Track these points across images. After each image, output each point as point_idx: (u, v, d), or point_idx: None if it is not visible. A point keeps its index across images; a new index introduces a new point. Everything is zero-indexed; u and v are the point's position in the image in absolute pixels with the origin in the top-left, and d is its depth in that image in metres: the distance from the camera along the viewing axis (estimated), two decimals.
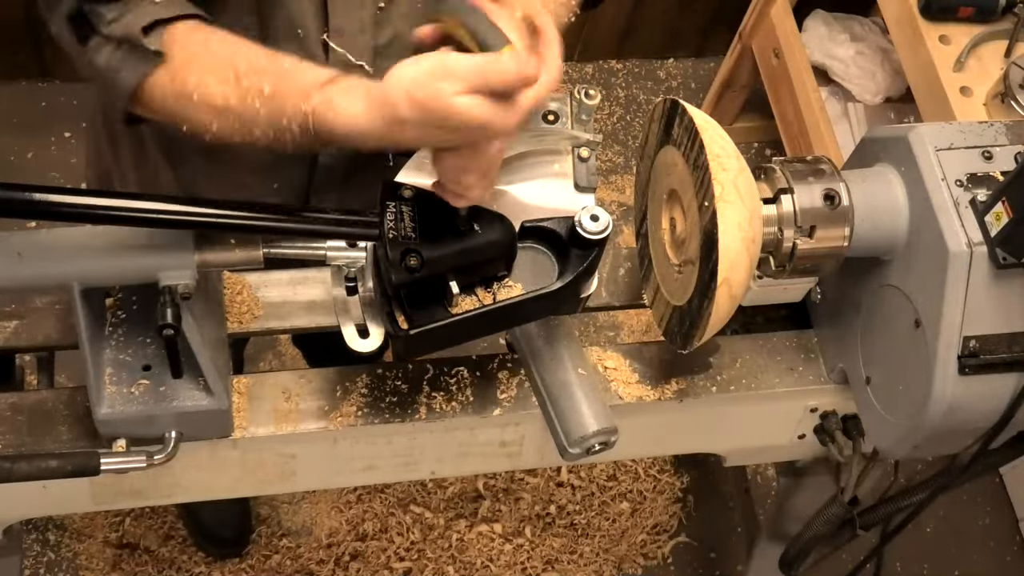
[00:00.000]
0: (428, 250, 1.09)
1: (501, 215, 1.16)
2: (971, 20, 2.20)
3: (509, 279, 1.17)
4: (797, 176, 1.22)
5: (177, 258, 1.07)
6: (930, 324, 1.19)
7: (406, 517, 2.49)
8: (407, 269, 1.08)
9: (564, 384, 1.21)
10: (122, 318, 1.19)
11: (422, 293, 1.12)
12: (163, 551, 2.38)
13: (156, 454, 1.19)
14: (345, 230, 1.10)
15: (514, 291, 1.16)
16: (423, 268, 1.09)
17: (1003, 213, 1.14)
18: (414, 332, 1.12)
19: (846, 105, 2.72)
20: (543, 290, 1.16)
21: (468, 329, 1.16)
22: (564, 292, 1.17)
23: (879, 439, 1.34)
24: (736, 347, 1.42)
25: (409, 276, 1.09)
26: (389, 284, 1.10)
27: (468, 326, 1.15)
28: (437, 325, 1.12)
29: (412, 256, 1.09)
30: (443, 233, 1.11)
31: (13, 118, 2.83)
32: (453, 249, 1.11)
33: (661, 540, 2.57)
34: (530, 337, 1.24)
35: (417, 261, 1.09)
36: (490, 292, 1.16)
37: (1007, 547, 2.70)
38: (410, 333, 1.12)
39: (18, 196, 0.99)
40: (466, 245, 1.12)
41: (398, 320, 1.12)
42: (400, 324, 1.12)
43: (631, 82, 3.20)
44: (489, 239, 1.13)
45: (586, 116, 1.34)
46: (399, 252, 1.09)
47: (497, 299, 1.15)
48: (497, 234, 1.14)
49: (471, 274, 1.14)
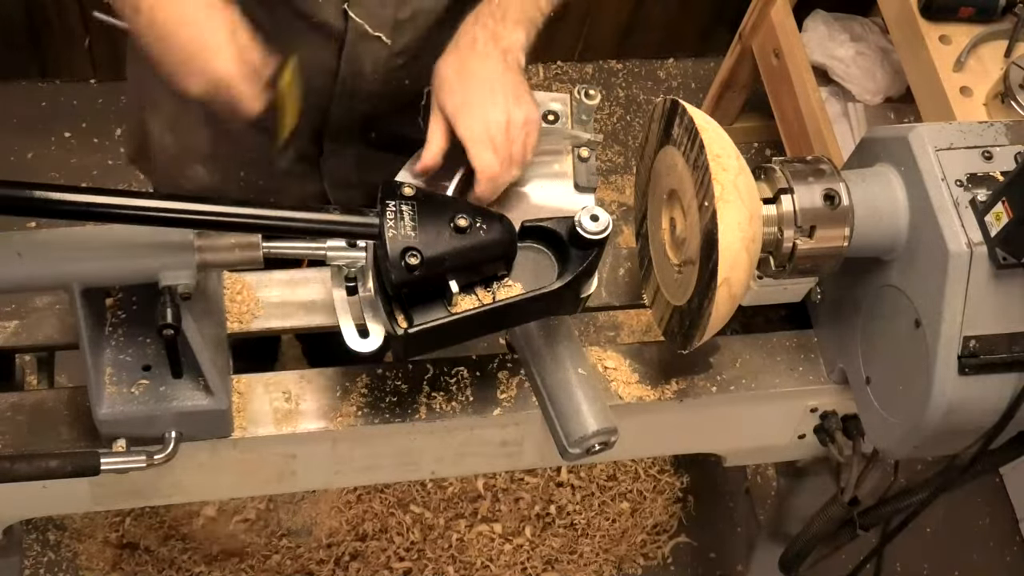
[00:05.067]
0: (428, 249, 1.09)
1: (501, 215, 1.16)
2: (971, 20, 2.20)
3: (509, 279, 1.17)
4: (797, 176, 1.22)
5: (177, 258, 1.07)
6: (930, 324, 1.19)
7: (406, 517, 2.49)
8: (407, 268, 1.08)
9: (564, 384, 1.21)
10: (122, 318, 1.19)
11: (422, 292, 1.12)
12: (163, 551, 2.38)
13: (156, 454, 1.19)
14: (345, 229, 1.10)
15: (514, 291, 1.16)
16: (423, 267, 1.09)
17: (1003, 213, 1.14)
18: (413, 331, 1.12)
19: (846, 105, 2.71)
20: (543, 290, 1.16)
21: (468, 328, 1.16)
22: (564, 292, 1.17)
23: (879, 439, 1.34)
24: (736, 347, 1.42)
25: (409, 275, 1.09)
26: (389, 283, 1.10)
27: (467, 325, 1.15)
28: (436, 324, 1.12)
29: (412, 255, 1.09)
30: (443, 232, 1.11)
31: (13, 118, 2.83)
32: (453, 248, 1.11)
33: (661, 540, 2.57)
34: (530, 337, 1.24)
35: (417, 260, 1.08)
36: (490, 292, 1.16)
37: (1007, 547, 2.70)
38: (409, 332, 1.12)
39: (18, 193, 0.98)
40: (466, 244, 1.12)
41: (397, 319, 1.12)
42: (399, 323, 1.12)
43: (631, 82, 3.20)
44: (489, 238, 1.13)
45: (586, 116, 1.35)
46: (399, 251, 1.09)
47: (497, 299, 1.15)
48: (497, 233, 1.14)
49: (471, 273, 1.14)
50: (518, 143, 1.24)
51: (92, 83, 2.86)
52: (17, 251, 1.05)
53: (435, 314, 1.13)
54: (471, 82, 1.23)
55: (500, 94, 1.23)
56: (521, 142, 1.24)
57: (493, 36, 1.25)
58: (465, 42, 1.26)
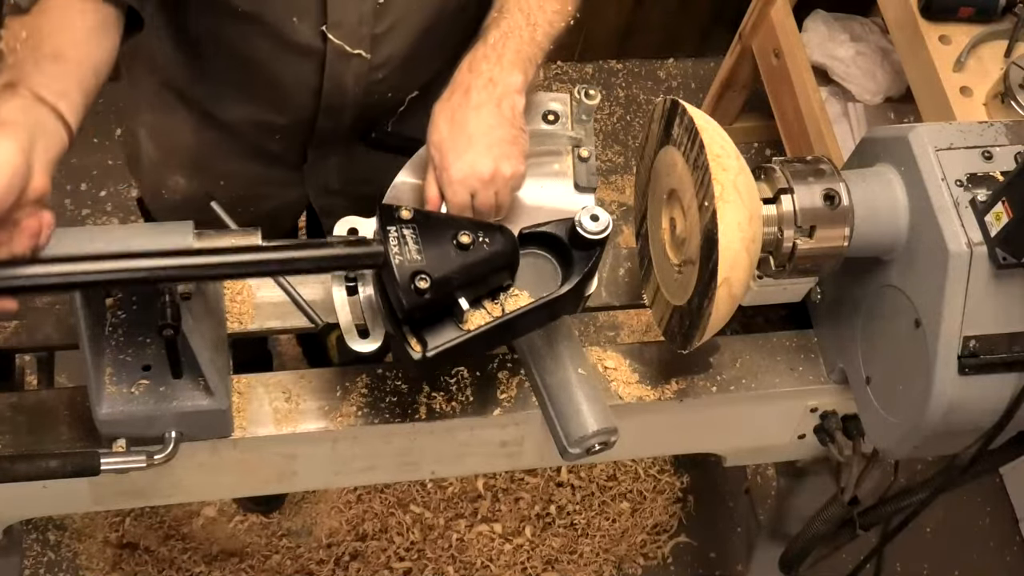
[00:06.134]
0: (436, 270, 1.08)
1: (500, 225, 1.16)
2: (971, 20, 2.20)
3: (514, 287, 1.17)
4: (797, 176, 1.22)
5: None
6: (930, 324, 1.19)
7: (406, 517, 2.49)
8: (417, 292, 1.07)
9: (564, 384, 1.21)
10: (122, 318, 1.19)
11: (433, 313, 1.12)
12: (163, 551, 2.38)
13: (156, 454, 1.19)
14: (350, 261, 1.10)
15: (521, 299, 1.16)
16: (432, 289, 1.08)
17: (1003, 213, 1.14)
18: (431, 354, 1.11)
19: (846, 105, 2.71)
20: (553, 295, 1.16)
21: (481, 343, 1.15)
22: (572, 294, 1.17)
23: (879, 439, 1.34)
24: (736, 347, 1.42)
25: (420, 299, 1.08)
26: (400, 310, 1.09)
27: (481, 340, 1.14)
28: (453, 344, 1.12)
29: (421, 278, 1.08)
30: (448, 251, 1.10)
31: None
32: (460, 265, 1.10)
33: (661, 540, 2.57)
34: (530, 337, 1.24)
35: (426, 283, 1.08)
36: (497, 303, 1.15)
37: (1007, 547, 2.70)
38: (428, 356, 1.11)
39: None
40: (472, 260, 1.11)
41: (411, 344, 1.11)
42: (413, 348, 1.11)
43: (631, 82, 3.20)
44: (493, 251, 1.12)
45: (586, 116, 1.35)
46: (407, 276, 1.08)
47: (506, 310, 1.15)
48: (500, 245, 1.13)
49: (478, 288, 1.14)
50: (502, 195, 1.22)
51: None
52: None
53: (448, 333, 1.12)
54: (461, 133, 1.20)
55: (487, 146, 1.20)
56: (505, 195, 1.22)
57: (489, 82, 1.23)
58: (460, 89, 1.23)
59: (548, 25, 1.30)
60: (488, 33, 1.27)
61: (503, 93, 1.22)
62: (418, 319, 1.11)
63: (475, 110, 1.21)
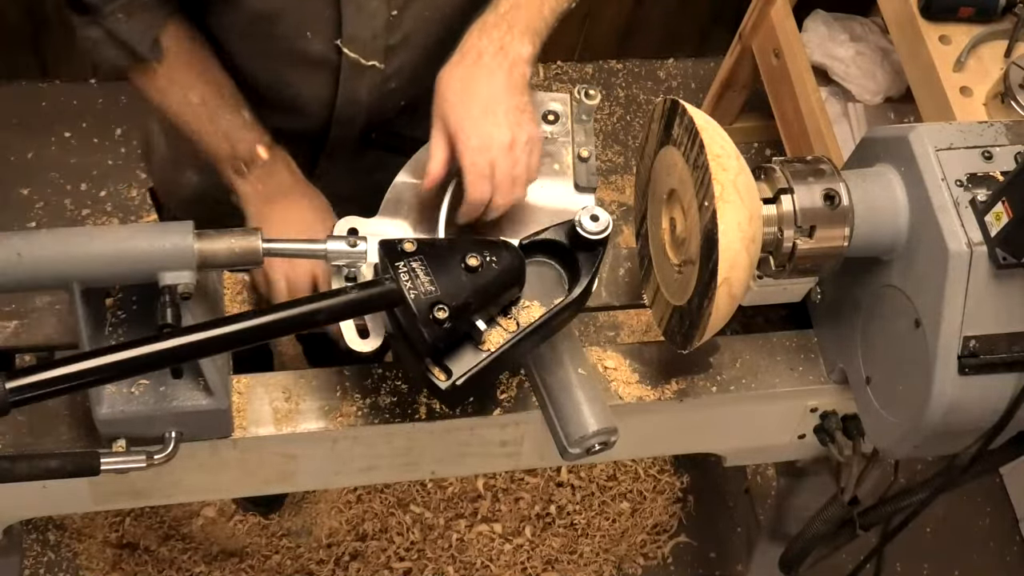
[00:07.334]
0: (452, 298, 1.08)
1: (504, 241, 1.15)
2: (971, 20, 2.20)
3: (525, 300, 1.16)
4: (797, 176, 1.22)
5: (177, 258, 1.07)
6: (930, 324, 1.19)
7: (406, 517, 2.49)
8: (437, 323, 1.07)
9: (564, 384, 1.21)
10: (122, 318, 1.19)
11: (452, 341, 1.12)
12: (163, 551, 2.38)
13: (156, 454, 1.19)
14: (366, 304, 1.09)
15: (533, 310, 1.15)
16: (451, 318, 1.07)
17: (1003, 213, 1.14)
18: (460, 382, 1.11)
19: (846, 105, 2.71)
20: (566, 301, 1.16)
21: (503, 361, 1.15)
22: (581, 297, 1.17)
23: (879, 439, 1.34)
24: (736, 347, 1.42)
25: (441, 329, 1.07)
26: (423, 343, 1.08)
27: (503, 358, 1.14)
28: (480, 367, 1.11)
29: (440, 309, 1.07)
30: (459, 277, 1.10)
31: (13, 118, 2.83)
32: (473, 289, 1.10)
33: (661, 540, 2.57)
34: None
35: (445, 312, 1.07)
36: (511, 318, 1.15)
37: (1007, 547, 2.70)
38: (457, 384, 1.11)
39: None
40: (483, 281, 1.10)
41: (435, 374, 1.11)
42: (438, 378, 1.11)
43: (631, 82, 3.20)
44: (501, 267, 1.12)
45: (586, 116, 1.35)
46: (425, 308, 1.07)
47: (520, 324, 1.14)
48: (507, 261, 1.13)
49: (492, 307, 1.14)
50: (521, 163, 1.21)
51: (92, 83, 2.86)
52: (17, 251, 1.05)
53: (471, 358, 1.12)
54: (474, 99, 1.19)
55: (503, 113, 1.20)
56: (524, 163, 1.22)
57: (500, 49, 1.22)
58: (471, 55, 1.22)
59: (555, 1, 1.29)
60: (499, 2, 1.26)
61: (514, 61, 1.22)
62: (440, 349, 1.11)
63: (487, 76, 1.20)
